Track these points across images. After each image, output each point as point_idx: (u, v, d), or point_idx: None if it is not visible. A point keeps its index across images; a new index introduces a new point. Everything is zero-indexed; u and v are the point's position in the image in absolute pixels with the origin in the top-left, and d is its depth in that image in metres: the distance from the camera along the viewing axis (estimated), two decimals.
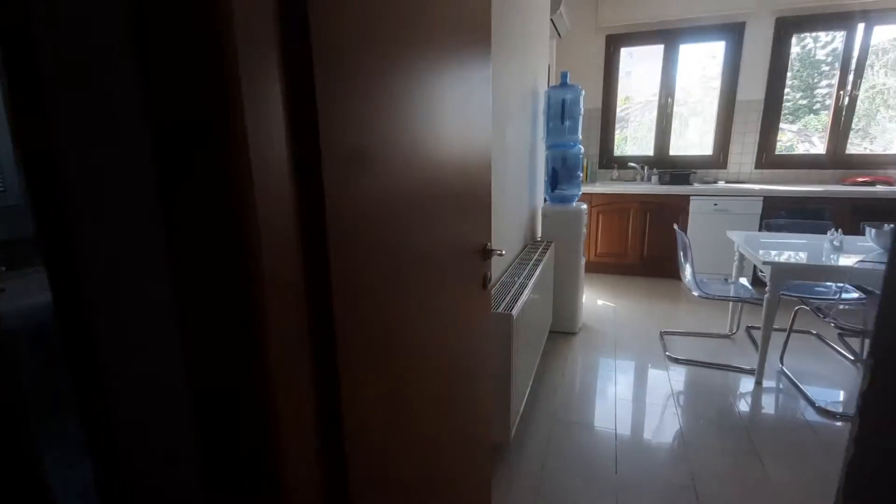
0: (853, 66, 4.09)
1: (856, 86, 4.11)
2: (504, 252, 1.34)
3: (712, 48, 4.44)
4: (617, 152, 4.94)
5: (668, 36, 4.45)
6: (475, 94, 1.14)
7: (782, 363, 2.76)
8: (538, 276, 2.39)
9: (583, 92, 3.02)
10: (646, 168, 4.69)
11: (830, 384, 2.56)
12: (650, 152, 4.79)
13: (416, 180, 0.84)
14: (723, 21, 4.28)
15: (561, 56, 4.76)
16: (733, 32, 4.28)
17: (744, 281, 2.94)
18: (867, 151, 4.29)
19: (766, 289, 2.46)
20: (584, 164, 4.87)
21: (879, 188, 3.84)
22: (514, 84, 2.48)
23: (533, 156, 3.18)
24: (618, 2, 4.47)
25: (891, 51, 4.13)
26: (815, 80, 4.27)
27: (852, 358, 2.82)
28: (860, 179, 4.02)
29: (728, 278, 3.03)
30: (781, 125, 4.39)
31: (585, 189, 4.41)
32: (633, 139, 4.97)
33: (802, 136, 4.44)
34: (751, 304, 2.93)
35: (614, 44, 4.63)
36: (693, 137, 4.72)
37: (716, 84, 4.48)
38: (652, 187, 4.31)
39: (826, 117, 4.31)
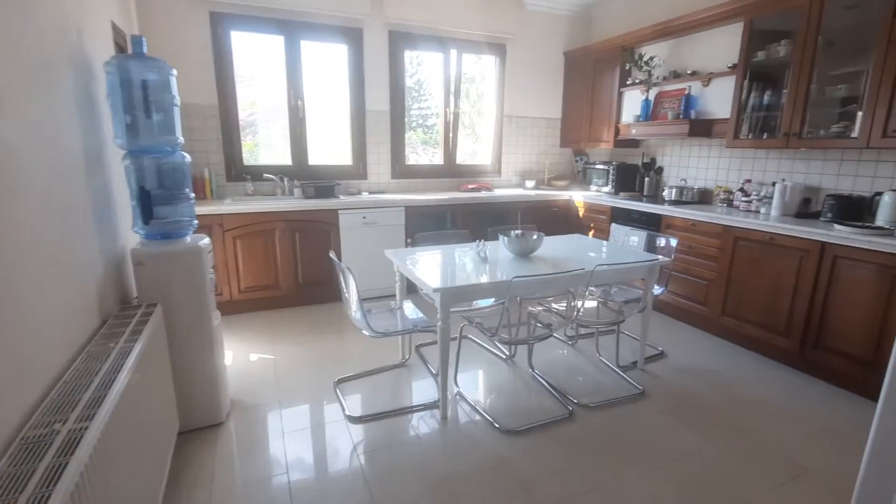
0: (452, 87, 4.62)
1: (456, 104, 4.68)
2: None
3: (337, 52, 4.15)
4: (250, 161, 4.06)
5: (288, 28, 3.87)
6: None
7: (457, 384, 2.62)
8: (125, 382, 1.29)
9: (174, 72, 2.00)
10: (286, 180, 4.02)
11: (502, 395, 2.56)
12: (288, 161, 4.14)
13: None
14: (342, 24, 4.04)
15: (149, 26, 3.46)
16: (353, 37, 4.11)
17: (410, 307, 2.67)
18: (469, 162, 5.00)
19: (438, 316, 2.18)
20: (207, 176, 3.76)
21: (484, 193, 4.47)
22: None
23: (98, 168, 1.93)
24: None
25: (467, 81, 4.89)
26: (409, 104, 4.60)
27: (504, 357, 2.99)
28: (470, 186, 4.61)
29: (394, 302, 2.71)
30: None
31: (210, 209, 3.35)
32: (267, 146, 4.21)
33: (411, 149, 4.76)
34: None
35: (221, 24, 3.69)
36: (331, 146, 4.37)
37: (343, 89, 4.23)
38: (297, 202, 3.67)
39: (423, 134, 4.76)
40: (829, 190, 3.12)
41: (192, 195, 2.13)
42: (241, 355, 2.96)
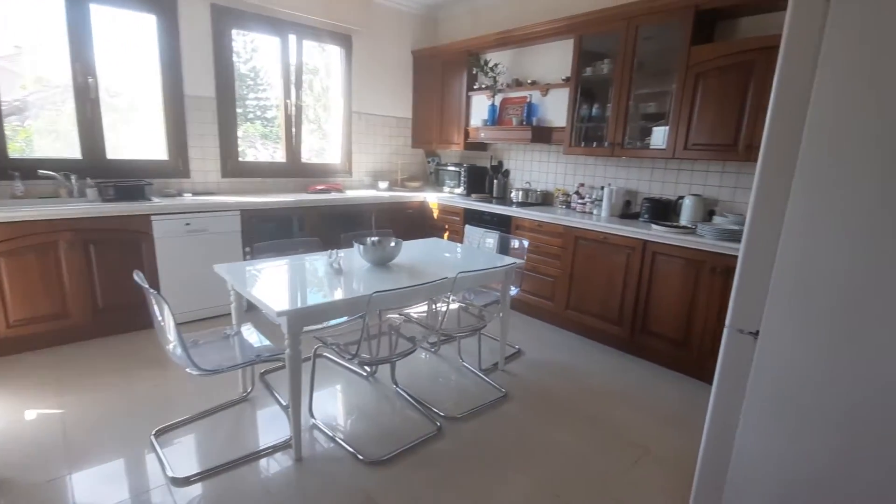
0: (293, 77, 4.16)
1: (298, 97, 4.23)
2: None
3: (142, 22, 3.38)
4: (18, 153, 3.07)
5: None
6: None
7: (313, 414, 2.29)
8: None
9: None
10: (74, 178, 3.13)
11: (365, 418, 2.31)
12: (77, 154, 3.24)
13: None
14: None
15: None
16: (162, 6, 3.39)
17: (249, 331, 2.24)
18: (317, 161, 4.60)
19: (286, 343, 1.85)
20: None
21: (335, 195, 4.13)
22: None
23: None
24: None
25: (310, 73, 4.49)
26: (245, 93, 4.07)
27: (364, 374, 2.74)
28: (319, 187, 4.22)
29: (229, 328, 2.25)
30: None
31: None
32: (50, 134, 3.24)
33: (248, 143, 4.21)
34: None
35: None
36: (139, 136, 3.56)
37: (154, 69, 3.48)
38: (90, 206, 2.88)
39: (262, 126, 4.25)
40: (645, 193, 3.57)
41: None
42: (11, 416, 2.17)
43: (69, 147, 3.23)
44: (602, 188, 3.68)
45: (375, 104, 4.79)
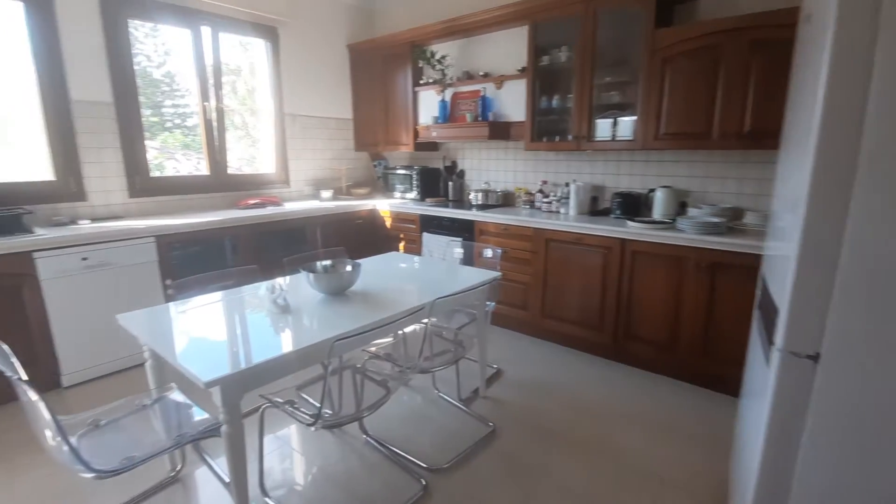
0: (211, 76, 3.58)
1: (219, 99, 3.65)
2: None
3: (7, 11, 2.70)
4: None
5: None
6: None
7: (265, 491, 1.82)
8: None
9: None
10: None
11: (333, 485, 1.87)
12: None
13: None
14: None
15: None
16: None
17: (174, 398, 1.74)
18: (248, 171, 4.03)
19: (222, 418, 1.39)
20: None
21: (271, 209, 3.60)
22: None
23: None
24: None
25: (231, 73, 3.92)
26: (160, 99, 3.48)
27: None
28: (252, 202, 3.66)
29: (146, 396, 1.73)
30: (145, 141, 3.34)
31: None
32: None
33: (167, 154, 3.61)
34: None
35: None
36: (13, 154, 2.86)
37: (27, 70, 2.80)
38: None
39: (183, 136, 3.65)
40: (612, 188, 3.37)
41: None
42: None
43: None
44: (567, 185, 3.44)
45: (310, 105, 4.29)
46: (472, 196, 3.87)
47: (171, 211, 3.43)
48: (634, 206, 3.14)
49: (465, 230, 3.56)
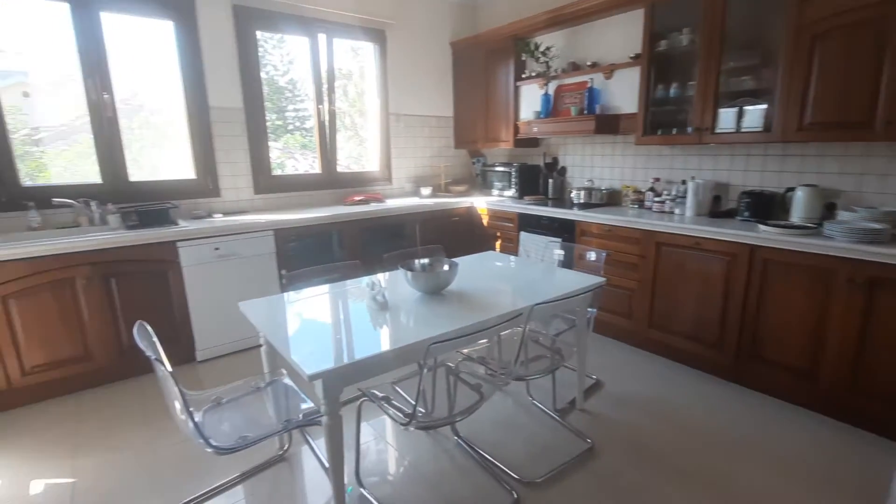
0: (325, 80, 3.81)
1: (332, 101, 3.88)
2: None
3: (160, 30, 3.11)
4: (37, 181, 2.86)
5: None
6: None
7: (360, 482, 1.89)
8: None
9: None
10: (94, 205, 2.88)
11: (423, 483, 1.89)
12: (96, 178, 3.00)
13: None
14: None
15: None
16: (181, 10, 3.11)
17: (285, 384, 1.87)
18: (355, 169, 4.24)
19: (323, 410, 1.45)
20: None
21: (374, 206, 3.75)
22: None
23: None
24: None
25: (343, 77, 4.14)
26: (284, 105, 3.79)
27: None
28: (357, 198, 3.85)
29: (260, 379, 1.88)
30: (269, 143, 3.66)
31: None
32: (66, 159, 3.02)
33: (288, 154, 3.92)
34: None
35: None
36: (164, 155, 3.31)
37: (175, 80, 3.20)
38: (113, 236, 2.61)
39: (302, 137, 3.93)
40: (739, 186, 2.97)
41: None
42: (17, 487, 1.89)
43: (88, 172, 2.99)
44: (684, 182, 3.11)
45: (413, 104, 4.39)
46: (573, 194, 3.68)
47: (287, 206, 3.73)
48: (767, 207, 2.74)
49: (564, 230, 3.40)
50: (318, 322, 1.80)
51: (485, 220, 4.12)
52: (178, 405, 1.39)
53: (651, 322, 2.97)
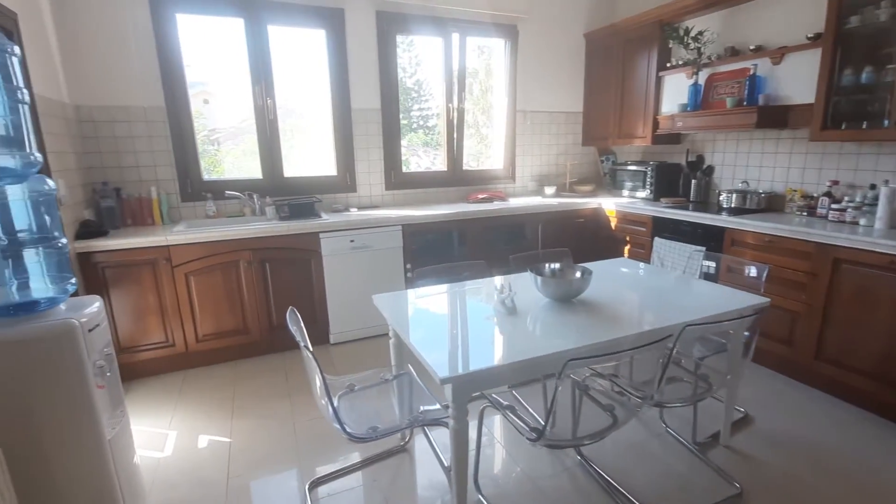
0: (456, 79, 3.87)
1: (461, 99, 3.93)
2: None
3: (313, 38, 3.41)
4: (214, 174, 3.34)
5: (250, 7, 3.13)
6: None
7: (478, 487, 1.88)
8: None
9: (17, 51, 1.27)
10: (256, 197, 3.28)
11: (540, 498, 1.82)
12: (258, 174, 3.40)
13: None
14: (319, 2, 3.30)
15: (66, 5, 2.74)
16: (332, 19, 3.37)
17: (411, 381, 1.92)
18: (478, 167, 4.26)
19: (450, 413, 1.45)
20: (156, 196, 3.04)
21: (497, 204, 3.72)
22: None
23: None
24: None
25: (470, 76, 4.14)
26: (409, 105, 3.92)
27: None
28: (480, 196, 3.86)
29: (388, 372, 1.97)
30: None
31: (151, 240, 2.63)
32: (234, 156, 3.49)
33: (411, 152, 4.04)
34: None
35: (163, 3, 2.95)
36: (310, 154, 3.63)
37: (324, 84, 3.49)
38: (267, 225, 2.94)
39: (424, 135, 4.03)
40: None
41: (64, 241, 1.39)
42: (188, 439, 2.23)
43: (251, 168, 3.40)
44: (874, 187, 2.56)
45: (542, 100, 4.25)
46: (722, 197, 3.25)
47: (413, 203, 3.87)
48: None
49: (709, 238, 3.02)
50: (447, 321, 1.81)
51: (613, 223, 3.86)
52: (318, 389, 1.50)
53: (819, 353, 2.50)
